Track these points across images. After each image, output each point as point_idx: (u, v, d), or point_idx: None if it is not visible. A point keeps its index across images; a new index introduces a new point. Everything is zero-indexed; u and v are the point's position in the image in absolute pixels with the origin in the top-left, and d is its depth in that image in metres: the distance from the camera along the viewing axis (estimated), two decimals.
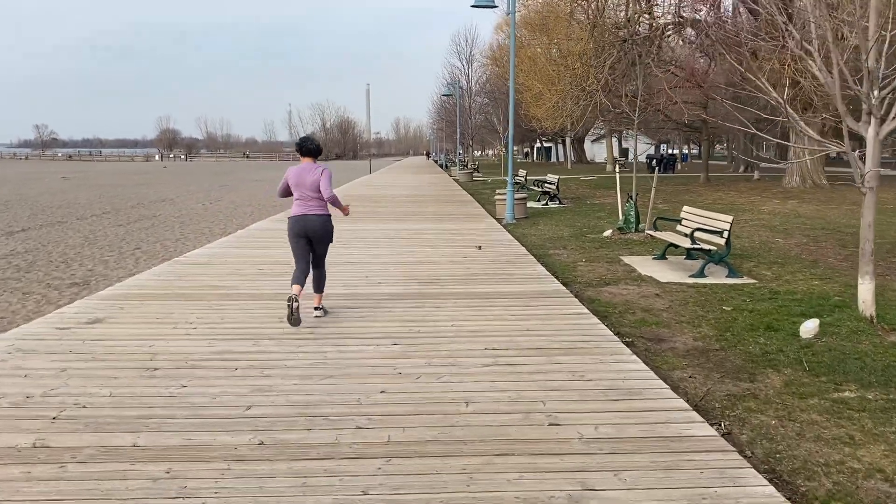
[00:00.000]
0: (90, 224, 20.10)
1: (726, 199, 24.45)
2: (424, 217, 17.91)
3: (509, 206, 17.87)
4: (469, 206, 21.49)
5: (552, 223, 17.48)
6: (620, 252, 12.60)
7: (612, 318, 7.80)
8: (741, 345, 6.71)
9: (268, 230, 14.87)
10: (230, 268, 10.17)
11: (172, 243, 16.15)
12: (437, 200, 23.84)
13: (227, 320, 7.09)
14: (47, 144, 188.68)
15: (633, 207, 14.77)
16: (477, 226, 16.04)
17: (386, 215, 18.20)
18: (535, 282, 9.23)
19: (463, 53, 69.08)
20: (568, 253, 12.57)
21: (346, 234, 14.00)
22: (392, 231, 14.78)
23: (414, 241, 13.31)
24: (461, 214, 18.79)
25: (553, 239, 14.52)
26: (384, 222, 16.48)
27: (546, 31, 27.82)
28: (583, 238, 14.54)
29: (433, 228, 15.26)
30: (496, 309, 7.58)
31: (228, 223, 20.50)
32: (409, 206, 21.26)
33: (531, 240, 14.33)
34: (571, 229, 16.14)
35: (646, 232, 14.32)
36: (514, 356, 5.82)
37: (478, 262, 10.79)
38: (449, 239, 13.53)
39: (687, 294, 9.00)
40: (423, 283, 9.12)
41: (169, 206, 26.60)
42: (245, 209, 25.85)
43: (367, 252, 11.77)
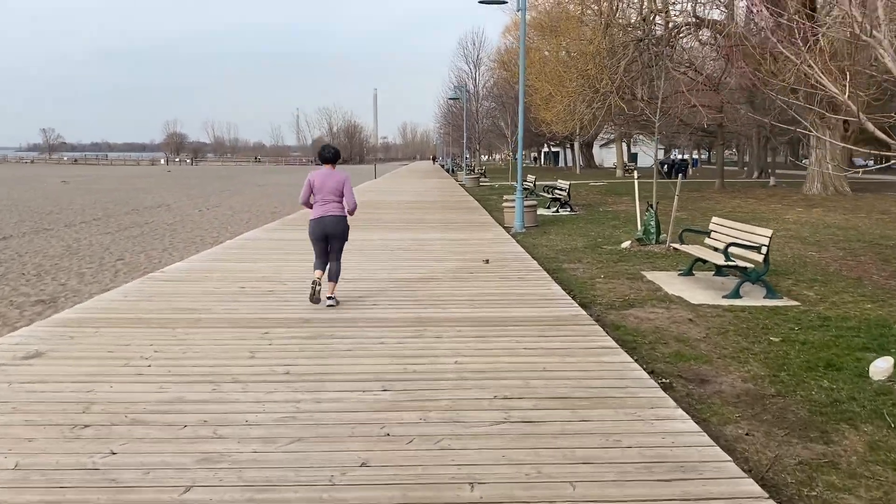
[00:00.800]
0: (77, 231, 19.09)
1: (746, 206, 23.29)
2: (429, 225, 16.83)
3: (518, 215, 16.77)
4: (476, 214, 20.40)
5: (564, 233, 16.36)
6: (641, 266, 11.48)
7: (642, 350, 6.70)
8: (801, 389, 5.59)
9: (259, 240, 13.81)
10: (208, 285, 9.10)
11: (158, 254, 15.11)
12: (442, 207, 22.76)
13: (190, 354, 6.01)
14: (54, 148, 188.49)
15: (653, 217, 13.65)
16: (484, 235, 14.95)
17: (388, 223, 17.13)
18: (550, 304, 8.12)
19: (470, 57, 67.84)
20: (584, 267, 11.46)
21: None
22: (394, 241, 13.70)
23: (416, 252, 12.23)
24: (467, 223, 17.71)
25: (566, 251, 13.41)
26: (386, 231, 15.40)
27: (556, 33, 26.77)
28: (599, 250, 13.43)
29: (438, 238, 14.18)
30: (507, 340, 6.47)
31: (222, 231, 19.46)
32: (413, 213, 20.18)
33: (543, 252, 13.23)
34: (585, 239, 15.03)
35: (668, 244, 13.20)
36: (530, 409, 4.71)
37: (485, 279, 9.70)
38: (454, 250, 12.45)
39: (724, 319, 7.88)
40: (424, 304, 8.02)
41: (164, 213, 25.60)
42: (242, 216, 24.82)
43: (364, 266, 10.69)
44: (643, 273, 10.85)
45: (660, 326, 7.59)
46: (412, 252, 12.29)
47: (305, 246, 12.69)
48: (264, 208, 27.94)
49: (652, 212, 13.71)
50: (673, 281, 10.22)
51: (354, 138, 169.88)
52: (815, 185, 27.17)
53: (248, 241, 13.58)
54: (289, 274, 9.98)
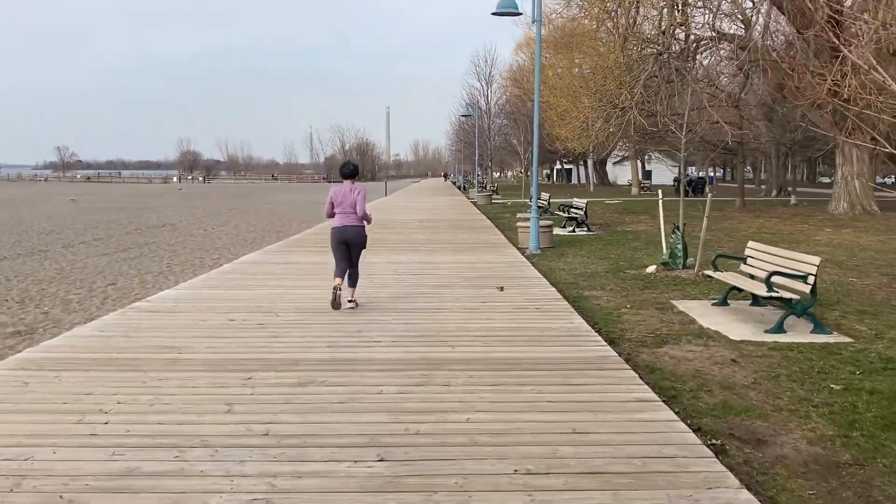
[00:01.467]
0: (73, 253, 18.36)
1: (770, 226, 22.31)
2: (439, 246, 15.97)
3: (534, 235, 15.88)
4: (488, 234, 19.53)
5: (583, 254, 15.45)
6: (670, 294, 10.55)
7: (684, 399, 5.78)
8: (883, 454, 4.65)
9: (258, 263, 12.97)
10: (195, 317, 8.26)
11: (153, 278, 14.33)
12: (453, 226, 21.91)
13: (158, 407, 5.15)
14: (69, 166, 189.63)
15: (679, 239, 12.73)
16: (497, 257, 14.07)
17: (396, 244, 16.27)
18: (573, 341, 7.21)
19: (482, 74, 67.20)
20: (607, 295, 10.54)
21: None
22: (401, 264, 12.84)
23: (425, 277, 11.35)
24: (479, 243, 16.83)
25: (587, 275, 12.50)
26: (393, 253, 14.55)
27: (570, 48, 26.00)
28: (621, 274, 12.51)
29: (448, 262, 13.31)
30: (527, 389, 5.57)
31: (224, 253, 18.69)
32: (422, 233, 19.33)
33: (561, 276, 12.33)
34: (606, 263, 14.12)
35: (696, 269, 12.27)
36: (560, 489, 3.81)
37: (500, 309, 8.80)
38: (465, 275, 11.57)
39: (772, 360, 6.94)
40: (430, 342, 7.14)
41: (167, 233, 24.88)
42: (247, 236, 24.07)
43: (367, 293, 9.82)
44: (673, 302, 9.93)
45: (700, 369, 6.66)
46: (420, 277, 11.41)
47: (306, 269, 11.89)
48: (271, 228, 27.20)
49: (679, 234, 12.79)
50: (707, 312, 9.29)
51: (366, 156, 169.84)
52: (841, 204, 26.13)
53: (246, 265, 12.75)
54: (285, 303, 9.13)
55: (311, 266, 12.52)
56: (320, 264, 12.66)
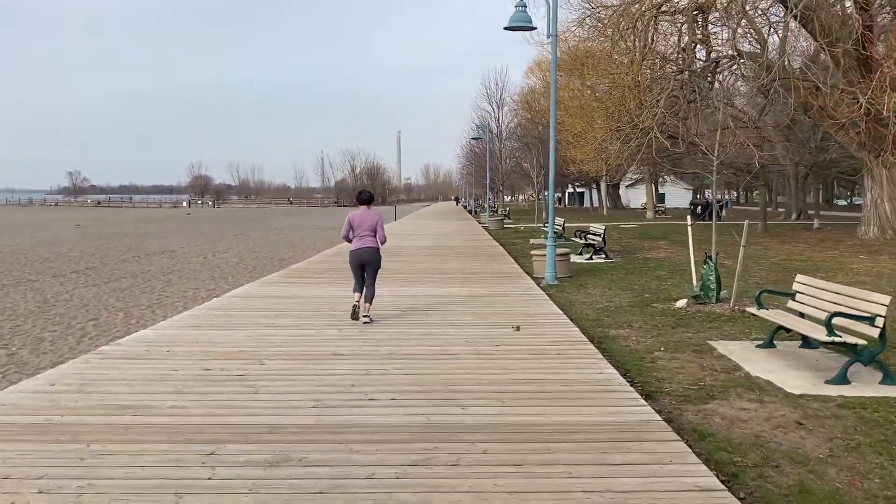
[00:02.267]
0: (62, 283, 17.39)
1: (799, 253, 21.10)
2: (448, 277, 14.87)
3: (550, 264, 14.76)
4: (501, 262, 18.42)
5: (603, 285, 14.33)
6: (707, 333, 9.41)
7: (747, 478, 4.66)
8: None
9: (250, 297, 11.91)
10: (165, 366, 7.18)
11: (139, 312, 13.31)
12: (463, 254, 20.82)
13: (86, 499, 4.05)
14: (81, 191, 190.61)
15: (712, 270, 11.59)
16: (511, 289, 12.97)
17: (402, 275, 15.20)
18: (606, 398, 6.09)
19: (493, 97, 66.51)
20: (636, 335, 9.40)
21: (348, 304, 11.01)
22: (406, 298, 11.75)
23: (431, 315, 10.26)
24: (492, 273, 15.72)
25: (610, 310, 11.37)
26: (398, 285, 13.47)
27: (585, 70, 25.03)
28: (648, 309, 11.38)
29: (457, 295, 12.21)
30: (556, 472, 4.44)
31: (221, 283, 17.69)
32: (430, 262, 18.25)
33: (582, 312, 11.20)
34: (630, 295, 12.98)
35: (732, 303, 11.13)
36: None
37: (517, 354, 7.69)
38: (477, 311, 10.46)
39: (845, 423, 5.79)
40: (436, 399, 6.03)
41: (166, 260, 23.92)
42: (248, 263, 23.08)
43: (365, 335, 8.74)
44: (711, 344, 8.78)
45: (760, 434, 5.52)
46: (427, 314, 10.31)
47: (303, 305, 10.78)
48: (274, 254, 26.22)
49: (711, 264, 11.66)
50: (752, 356, 8.14)
51: (377, 180, 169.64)
52: (871, 229, 24.84)
53: (238, 300, 11.68)
54: (273, 347, 8.04)
55: (310, 301, 11.45)
56: (319, 299, 11.60)
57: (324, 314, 10.19)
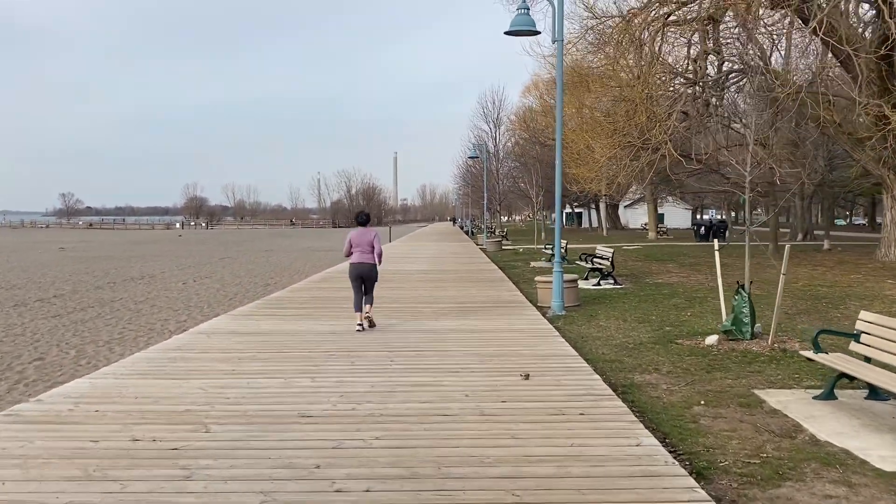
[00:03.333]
0: (21, 314, 15.85)
1: (820, 277, 19.68)
2: (444, 307, 13.38)
3: (557, 293, 13.28)
4: (501, 288, 16.93)
5: (617, 316, 12.85)
6: (749, 379, 7.93)
7: None
8: None
9: (216, 334, 10.39)
10: (87, 433, 5.67)
11: (94, 350, 11.81)
12: (461, 279, 19.34)
13: None
14: (76, 212, 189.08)
15: (746, 302, 10.13)
16: (515, 322, 11.48)
17: (393, 305, 13.72)
18: (650, 488, 4.59)
19: (490, 116, 65.48)
20: (667, 382, 7.91)
21: (328, 343, 9.52)
22: (396, 335, 10.27)
23: (425, 356, 8.77)
24: (492, 302, 14.23)
25: (630, 348, 9.89)
26: (388, 317, 11.99)
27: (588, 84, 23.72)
28: (674, 347, 9.90)
29: (455, 330, 10.71)
30: None
31: (195, 312, 16.19)
32: (425, 288, 16.76)
33: (598, 350, 9.72)
34: (649, 328, 11.50)
35: (770, 340, 9.66)
36: None
37: (529, 416, 6.19)
38: (477, 352, 8.97)
39: None
40: (425, 492, 4.53)
41: (142, 286, 22.39)
42: (230, 289, 21.56)
43: (344, 386, 7.24)
44: (759, 395, 7.29)
45: None
46: (418, 356, 8.82)
47: (274, 345, 9.09)
48: (259, 279, 24.71)
49: (744, 295, 10.19)
50: (813, 412, 6.66)
51: (373, 200, 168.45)
52: (892, 251, 23.44)
53: (202, 338, 10.15)
54: (226, 406, 6.52)
55: (284, 340, 9.94)
56: (295, 336, 10.10)
57: (297, 357, 8.69)
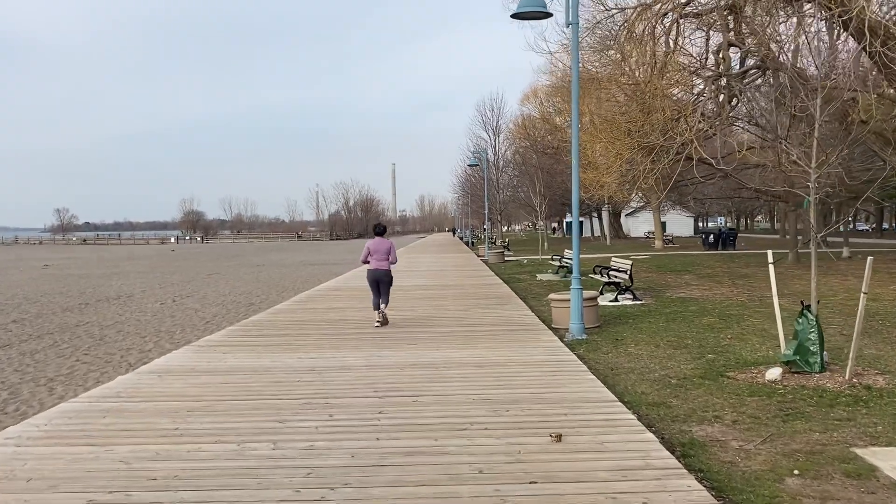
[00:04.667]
0: None
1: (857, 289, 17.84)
2: (445, 331, 11.57)
3: (576, 312, 11.47)
4: (509, 306, 15.11)
5: (646, 339, 11.04)
6: (840, 430, 6.13)
7: None
8: None
9: (171, 376, 8.55)
10: None
11: (32, 390, 9.95)
12: (464, 295, 17.52)
13: None
14: (73, 228, 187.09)
15: (813, 326, 8.32)
16: (530, 350, 9.67)
17: (384, 331, 11.91)
18: None
19: (489, 124, 63.69)
20: (736, 437, 6.09)
21: (303, 386, 7.71)
22: (387, 372, 8.45)
23: (421, 406, 6.94)
24: (502, 324, 12.40)
25: (674, 385, 8.07)
26: (378, 346, 10.18)
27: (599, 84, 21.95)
28: (728, 383, 8.09)
29: (458, 363, 8.89)
30: None
31: (165, 339, 14.38)
32: (423, 307, 14.96)
33: (635, 387, 7.91)
34: (688, 356, 9.69)
35: (847, 374, 7.86)
36: None
37: (566, 499, 4.37)
38: (488, 395, 7.15)
39: None
40: None
41: (116, 308, 20.55)
42: (210, 310, 19.73)
43: (316, 458, 5.41)
44: (865, 457, 5.47)
45: None
46: (414, 404, 6.98)
47: (237, 388, 6.98)
48: (244, 298, 22.87)
49: (810, 318, 8.37)
50: None
51: (370, 212, 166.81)
52: None
53: (152, 380, 8.31)
54: (146, 495, 4.68)
55: (249, 381, 8.12)
56: (264, 376, 8.28)
57: (262, 407, 6.86)
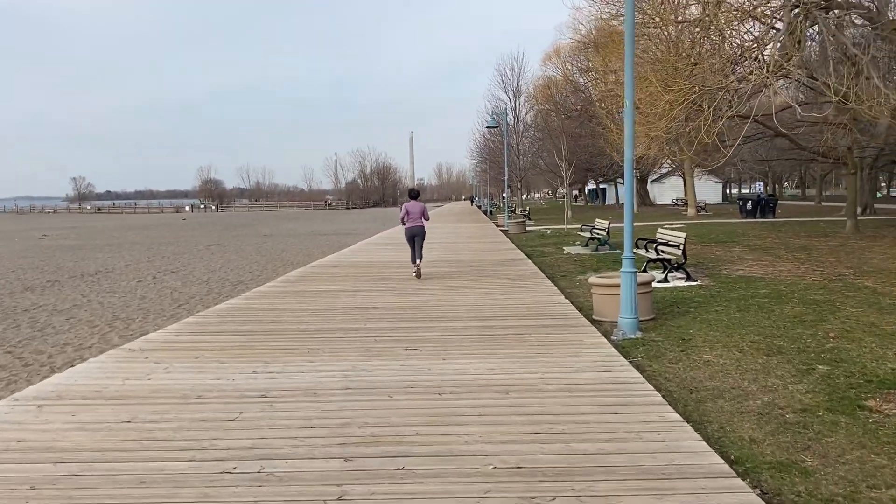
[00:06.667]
0: None
1: None
2: (457, 328, 8.92)
3: (628, 304, 8.76)
4: (536, 289, 12.42)
5: (723, 339, 8.31)
6: None
7: None
8: None
9: (70, 403, 5.99)
10: None
11: None
12: (481, 273, 14.85)
13: None
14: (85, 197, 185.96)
15: None
16: (569, 358, 7.03)
17: (380, 326, 9.30)
18: None
19: (509, 85, 60.42)
20: None
21: (237, 429, 5.13)
22: (364, 402, 5.84)
23: (405, 482, 4.31)
24: (528, 316, 9.72)
25: (793, 424, 5.39)
26: (365, 354, 7.58)
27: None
28: (871, 415, 5.42)
29: (469, 386, 6.25)
30: None
31: (115, 332, 11.90)
32: (432, 289, 12.32)
33: (739, 430, 5.26)
34: (791, 367, 6.98)
35: None
36: None
37: None
38: (518, 457, 4.52)
39: None
40: None
41: (84, 286, 18.11)
42: (191, 289, 17.23)
43: None
44: None
45: None
46: (391, 485, 4.36)
47: (144, 430, 4.31)
48: (234, 275, 20.34)
49: None
50: None
51: (387, 180, 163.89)
52: None
53: (25, 413, 5.76)
54: None
55: (165, 417, 5.55)
56: (192, 406, 5.69)
57: (145, 484, 4.26)
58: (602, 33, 37.10)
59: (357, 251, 21.94)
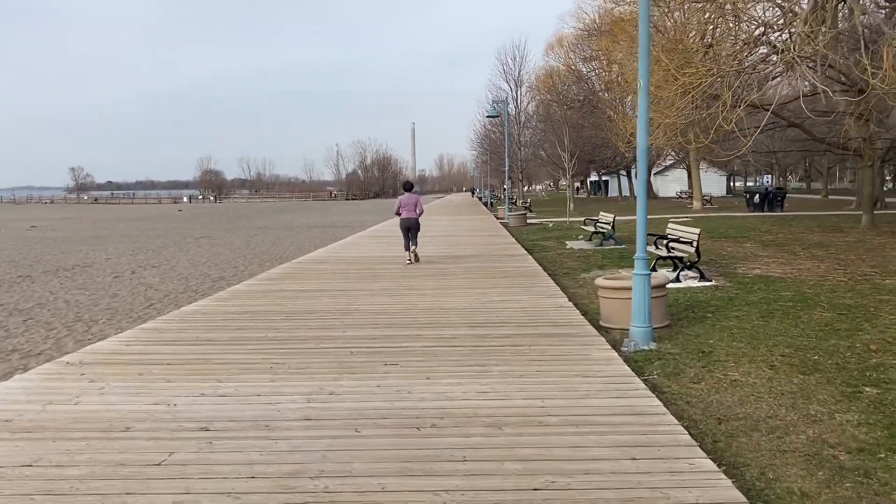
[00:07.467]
0: None
1: None
2: (448, 336, 7.89)
3: (640, 311, 7.71)
4: (536, 288, 11.36)
5: (749, 353, 7.26)
6: None
7: None
8: None
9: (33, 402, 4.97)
10: None
11: None
12: (478, 270, 13.81)
13: None
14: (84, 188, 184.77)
15: None
16: (578, 385, 5.97)
17: (361, 335, 8.27)
18: None
19: (510, 74, 59.01)
20: None
21: (152, 488, 4.08)
22: (325, 442, 4.81)
23: None
24: (527, 322, 8.67)
25: (850, 471, 4.35)
26: (336, 371, 6.54)
27: None
28: None
29: (457, 420, 5.21)
30: None
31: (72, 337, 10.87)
32: (424, 291, 11.27)
33: (781, 476, 4.23)
34: (832, 388, 5.95)
35: None
36: None
37: None
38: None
39: None
40: None
41: (57, 282, 17.07)
42: (168, 286, 16.19)
43: None
44: None
45: None
46: None
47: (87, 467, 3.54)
48: (216, 271, 19.29)
49: None
50: None
51: (387, 171, 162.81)
52: None
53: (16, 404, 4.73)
54: None
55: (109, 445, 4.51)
56: (116, 438, 4.65)
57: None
58: (606, 21, 35.87)
59: (348, 245, 20.90)
